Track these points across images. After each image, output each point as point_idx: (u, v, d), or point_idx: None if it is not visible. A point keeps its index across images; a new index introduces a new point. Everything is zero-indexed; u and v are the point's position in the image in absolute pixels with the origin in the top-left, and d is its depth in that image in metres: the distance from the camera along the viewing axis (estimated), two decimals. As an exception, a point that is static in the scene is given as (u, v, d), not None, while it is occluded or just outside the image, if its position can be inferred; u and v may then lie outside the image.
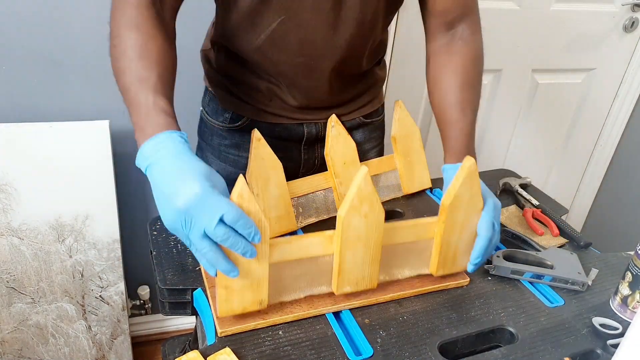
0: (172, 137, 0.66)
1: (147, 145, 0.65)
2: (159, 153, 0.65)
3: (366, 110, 1.11)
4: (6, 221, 1.37)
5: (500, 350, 0.76)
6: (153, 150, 0.65)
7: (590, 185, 2.22)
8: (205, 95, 1.09)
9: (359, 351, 0.73)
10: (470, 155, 0.80)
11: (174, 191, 0.62)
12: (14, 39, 1.28)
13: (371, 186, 0.72)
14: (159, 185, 0.64)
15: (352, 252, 0.76)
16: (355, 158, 0.98)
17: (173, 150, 0.65)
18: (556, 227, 1.03)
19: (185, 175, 0.63)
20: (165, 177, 0.64)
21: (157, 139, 0.65)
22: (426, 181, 1.11)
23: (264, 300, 0.74)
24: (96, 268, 1.49)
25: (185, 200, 0.61)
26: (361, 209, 0.73)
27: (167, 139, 0.65)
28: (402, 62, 1.67)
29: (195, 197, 0.61)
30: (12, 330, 1.46)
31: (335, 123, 0.95)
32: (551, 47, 1.83)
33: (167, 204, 0.63)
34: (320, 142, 1.07)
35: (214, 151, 1.07)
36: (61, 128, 1.35)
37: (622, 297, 0.84)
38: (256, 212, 0.66)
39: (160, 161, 0.64)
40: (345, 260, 0.77)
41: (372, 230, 0.76)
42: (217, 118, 1.05)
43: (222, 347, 0.70)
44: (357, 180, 0.71)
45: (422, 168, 1.10)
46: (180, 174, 0.63)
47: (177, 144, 0.66)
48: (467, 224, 0.82)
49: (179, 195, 0.61)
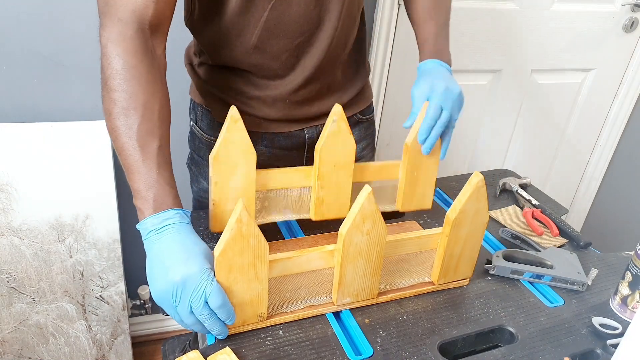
0: (179, 215, 0.70)
1: (154, 218, 0.69)
2: (165, 229, 0.68)
3: (361, 106, 1.10)
4: (6, 221, 1.37)
5: (500, 350, 0.76)
6: (159, 223, 0.69)
7: (590, 185, 2.22)
8: (195, 110, 1.06)
9: (359, 351, 0.73)
10: (442, 54, 0.91)
11: (173, 265, 0.66)
12: (14, 39, 1.28)
13: (374, 205, 0.72)
14: (160, 256, 0.67)
15: (352, 266, 0.76)
16: (350, 161, 0.89)
17: (179, 228, 0.69)
18: (556, 227, 1.03)
19: (189, 253, 0.67)
20: (168, 251, 0.67)
21: (164, 214, 0.69)
22: (427, 202, 0.98)
23: (263, 314, 0.74)
24: (96, 268, 1.49)
25: (182, 276, 0.65)
26: (363, 226, 0.73)
27: (175, 216, 0.69)
28: (402, 62, 1.67)
29: (193, 275, 0.65)
30: (13, 330, 1.46)
31: (338, 117, 0.85)
32: (551, 47, 1.83)
33: (163, 275, 0.66)
34: None
35: None
36: (61, 128, 1.35)
37: (622, 297, 0.84)
38: (256, 234, 0.67)
39: (166, 236, 0.68)
40: (346, 274, 0.76)
41: (373, 246, 0.76)
42: (213, 133, 1.02)
43: (222, 347, 0.70)
44: (361, 199, 0.71)
45: (426, 187, 0.97)
46: (183, 251, 0.67)
47: (183, 222, 0.70)
48: (472, 236, 0.83)
49: (178, 269, 0.65)
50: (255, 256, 0.68)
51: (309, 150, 1.05)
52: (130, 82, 0.71)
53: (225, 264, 0.67)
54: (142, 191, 0.69)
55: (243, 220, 0.65)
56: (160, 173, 0.70)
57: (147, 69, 0.73)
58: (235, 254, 0.67)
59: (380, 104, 1.71)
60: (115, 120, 0.71)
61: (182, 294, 0.65)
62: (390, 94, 1.71)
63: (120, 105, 0.71)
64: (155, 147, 0.71)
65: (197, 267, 0.66)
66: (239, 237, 0.66)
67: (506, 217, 1.08)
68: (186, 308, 0.66)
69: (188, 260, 0.66)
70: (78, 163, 1.38)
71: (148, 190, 0.69)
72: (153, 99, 0.72)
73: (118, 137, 0.71)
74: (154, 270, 0.68)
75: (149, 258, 0.69)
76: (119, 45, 0.72)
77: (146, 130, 0.71)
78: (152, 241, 0.68)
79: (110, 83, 0.71)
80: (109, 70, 0.72)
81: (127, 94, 0.71)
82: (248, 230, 0.66)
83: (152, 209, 0.69)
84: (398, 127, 1.80)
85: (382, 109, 1.73)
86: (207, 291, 0.66)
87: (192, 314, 0.67)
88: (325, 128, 0.86)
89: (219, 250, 0.66)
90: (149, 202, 0.69)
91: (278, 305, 0.77)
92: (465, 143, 1.94)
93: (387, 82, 1.68)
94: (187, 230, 0.70)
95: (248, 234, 0.66)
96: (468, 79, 1.80)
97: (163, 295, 0.66)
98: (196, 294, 0.65)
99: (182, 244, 0.68)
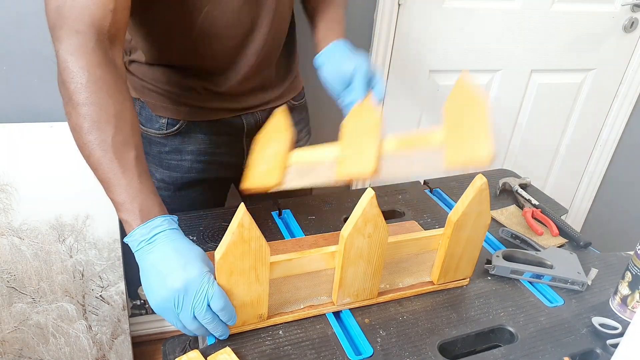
0: (167, 222, 0.69)
1: (142, 228, 0.67)
2: (156, 237, 0.67)
3: (294, 92, 1.13)
4: (7, 221, 1.37)
5: (500, 350, 0.76)
6: (148, 233, 0.67)
7: (590, 185, 2.22)
8: None
9: (359, 351, 0.73)
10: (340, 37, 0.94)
11: (171, 272, 0.65)
12: (14, 39, 1.28)
13: (376, 208, 0.72)
14: (156, 265, 0.66)
15: (353, 268, 0.76)
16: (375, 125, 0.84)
17: (170, 234, 0.68)
18: (556, 227, 1.03)
19: (185, 258, 0.67)
20: (163, 259, 0.66)
21: (152, 223, 0.68)
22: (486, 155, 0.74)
23: (264, 314, 0.75)
24: (97, 268, 1.49)
25: (182, 281, 0.65)
26: (365, 230, 0.73)
27: (163, 223, 0.68)
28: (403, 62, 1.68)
29: (193, 279, 0.65)
30: (13, 330, 1.47)
31: None
32: (551, 47, 1.83)
33: (162, 283, 0.65)
34: None
35: (154, 159, 1.05)
36: (61, 128, 1.35)
37: (622, 296, 0.84)
38: (257, 237, 0.67)
39: (158, 244, 0.67)
40: (347, 275, 0.77)
41: (375, 248, 0.76)
42: (152, 126, 1.02)
43: (222, 347, 0.71)
44: (363, 203, 0.71)
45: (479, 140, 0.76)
46: (179, 257, 0.66)
47: (172, 228, 0.69)
48: (473, 237, 0.83)
49: (177, 276, 0.65)
50: (256, 259, 0.68)
51: (247, 135, 1.06)
52: (98, 95, 0.69)
53: (227, 267, 0.67)
54: (126, 203, 0.68)
55: (245, 224, 0.65)
56: (142, 182, 0.69)
57: (113, 80, 0.71)
58: (237, 258, 0.67)
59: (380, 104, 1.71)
60: (88, 136, 0.68)
61: (184, 300, 0.65)
62: (390, 94, 1.71)
63: (90, 119, 0.68)
64: (133, 157, 0.69)
65: (196, 271, 0.66)
66: (241, 242, 0.66)
67: (506, 217, 1.08)
68: (189, 314, 0.66)
69: (186, 265, 0.66)
70: (78, 163, 1.37)
71: (132, 201, 0.68)
72: (123, 108, 0.71)
73: (92, 152, 0.68)
74: (151, 280, 0.66)
75: (144, 269, 0.67)
76: (82, 58, 0.69)
77: (121, 142, 0.69)
78: (144, 252, 0.67)
79: (77, 98, 0.69)
80: (73, 85, 0.69)
81: (96, 107, 0.68)
82: (250, 235, 0.66)
83: (139, 220, 0.67)
84: (399, 126, 1.80)
85: (382, 108, 1.73)
86: (209, 294, 0.66)
87: (195, 320, 0.66)
88: None
89: (220, 254, 0.66)
90: (135, 214, 0.68)
91: (278, 306, 0.77)
92: (465, 143, 1.94)
93: (387, 82, 1.68)
94: (179, 236, 0.69)
95: (250, 238, 0.66)
96: (468, 79, 1.80)
97: (164, 304, 0.66)
98: (198, 298, 0.65)
99: (176, 250, 0.67)
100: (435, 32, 1.67)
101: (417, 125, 1.82)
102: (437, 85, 1.76)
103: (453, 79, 1.77)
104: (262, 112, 1.06)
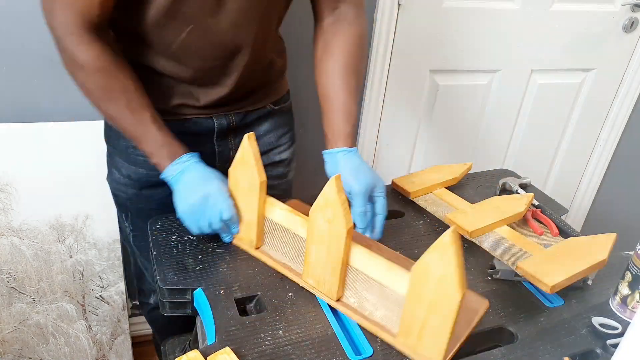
0: (191, 156, 0.90)
1: (173, 165, 0.89)
2: (185, 166, 0.89)
3: (273, 97, 1.11)
4: (6, 221, 1.37)
5: (500, 350, 0.76)
6: (179, 167, 0.88)
7: (590, 185, 2.22)
8: None
9: (358, 351, 0.73)
10: (349, 139, 0.94)
11: (200, 186, 0.87)
12: (14, 39, 1.28)
13: (336, 195, 0.72)
14: (187, 183, 0.88)
15: (316, 248, 0.78)
16: None
17: (195, 164, 0.90)
18: (556, 227, 1.03)
19: (207, 178, 0.88)
20: (192, 178, 0.88)
21: (180, 159, 0.89)
22: None
23: (252, 241, 0.88)
24: (96, 268, 1.49)
25: (204, 193, 0.86)
26: (325, 211, 0.74)
27: (190, 158, 0.90)
28: (403, 62, 1.68)
29: (213, 191, 0.87)
30: (13, 330, 1.47)
31: None
32: (551, 47, 1.83)
33: (189, 194, 0.87)
34: (233, 133, 1.07)
35: (121, 154, 1.04)
36: (61, 128, 1.35)
37: (622, 297, 0.84)
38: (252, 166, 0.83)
39: (187, 171, 0.89)
40: (310, 253, 0.79)
41: (333, 240, 0.75)
42: None
43: (222, 347, 0.71)
44: (327, 186, 0.72)
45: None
46: (203, 177, 0.89)
47: (196, 160, 0.91)
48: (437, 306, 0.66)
49: (203, 189, 0.87)
50: (250, 184, 0.84)
51: (218, 135, 1.06)
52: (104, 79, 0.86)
53: (234, 178, 0.87)
54: (155, 152, 0.89)
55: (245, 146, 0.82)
56: (163, 134, 0.89)
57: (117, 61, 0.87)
58: (239, 174, 0.85)
59: (380, 104, 1.72)
60: (107, 111, 0.90)
61: (205, 207, 0.86)
62: (390, 94, 1.71)
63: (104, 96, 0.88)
64: (149, 115, 0.89)
65: (215, 185, 0.87)
66: (242, 162, 0.83)
67: (506, 217, 1.08)
68: (206, 220, 0.86)
69: (207, 183, 0.87)
70: (78, 163, 1.38)
71: (160, 149, 0.89)
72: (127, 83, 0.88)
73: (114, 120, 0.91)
74: (182, 194, 0.87)
75: (177, 190, 0.88)
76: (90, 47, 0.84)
77: (134, 108, 0.88)
78: (177, 178, 0.88)
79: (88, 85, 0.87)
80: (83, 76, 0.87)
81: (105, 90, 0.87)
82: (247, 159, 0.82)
83: (169, 161, 0.88)
84: (399, 127, 1.80)
85: (382, 108, 1.73)
86: (223, 206, 0.85)
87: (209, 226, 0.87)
88: None
89: (232, 166, 0.86)
90: (164, 157, 0.89)
91: (268, 247, 0.89)
92: (465, 143, 1.94)
93: (387, 82, 1.68)
94: (201, 165, 0.90)
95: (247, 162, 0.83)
96: (468, 79, 1.80)
97: (189, 209, 0.86)
98: (214, 210, 0.86)
99: (200, 172, 0.89)
100: (435, 32, 1.67)
101: (417, 126, 1.82)
102: (437, 85, 1.76)
103: (453, 79, 1.78)
104: (236, 114, 1.05)
